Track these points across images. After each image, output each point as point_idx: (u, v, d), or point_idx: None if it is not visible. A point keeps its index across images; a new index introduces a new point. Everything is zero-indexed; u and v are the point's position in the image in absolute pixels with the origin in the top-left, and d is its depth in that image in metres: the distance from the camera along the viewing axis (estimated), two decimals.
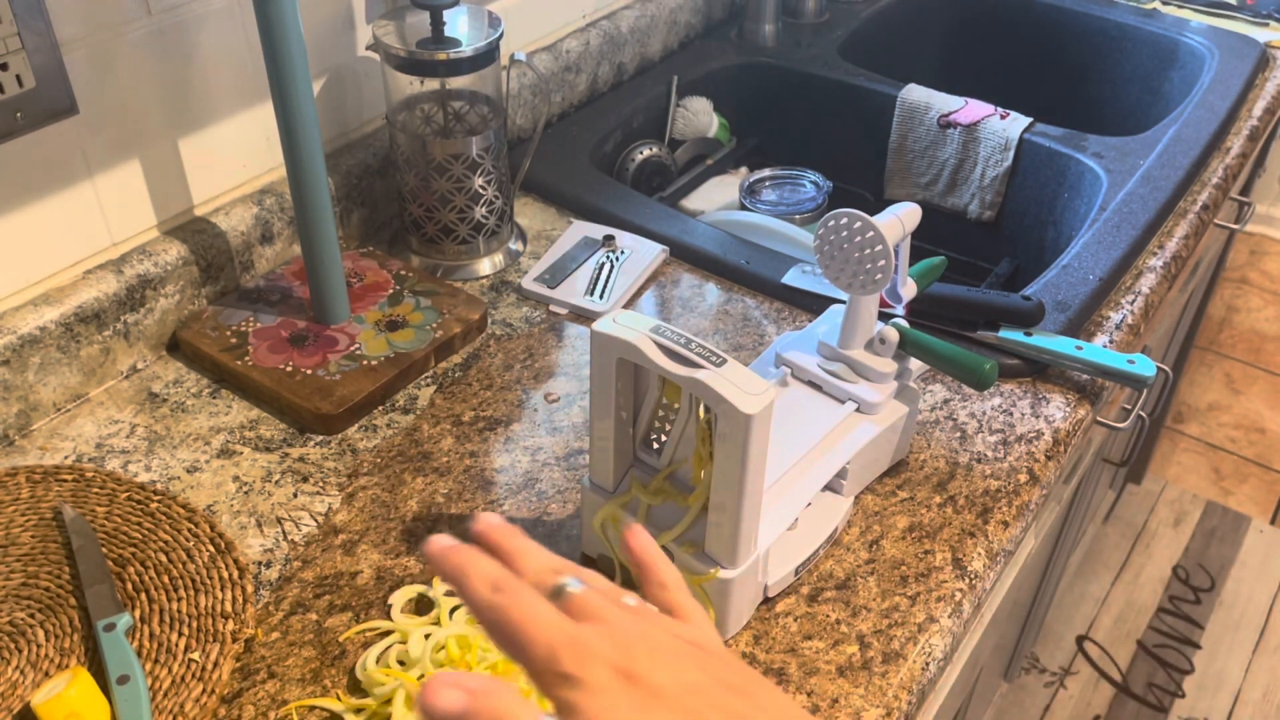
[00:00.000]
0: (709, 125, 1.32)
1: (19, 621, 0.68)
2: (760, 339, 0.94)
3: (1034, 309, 0.89)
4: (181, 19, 0.85)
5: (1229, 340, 2.54)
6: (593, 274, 0.99)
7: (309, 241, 0.87)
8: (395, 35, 0.92)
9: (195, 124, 0.89)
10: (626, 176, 1.23)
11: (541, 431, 0.84)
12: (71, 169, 0.82)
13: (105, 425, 0.84)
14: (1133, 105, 1.44)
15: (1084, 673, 1.86)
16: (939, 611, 0.71)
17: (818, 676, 0.67)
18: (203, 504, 0.78)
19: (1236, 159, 1.20)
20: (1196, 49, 1.36)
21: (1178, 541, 2.09)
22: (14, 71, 0.73)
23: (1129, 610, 1.96)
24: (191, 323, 0.90)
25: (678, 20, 1.37)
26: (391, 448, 0.83)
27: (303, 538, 0.75)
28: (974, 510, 0.78)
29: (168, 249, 0.88)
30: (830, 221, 0.73)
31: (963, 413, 0.86)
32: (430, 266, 1.00)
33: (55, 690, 0.61)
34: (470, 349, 0.92)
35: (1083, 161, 1.16)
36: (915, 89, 1.27)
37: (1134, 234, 1.02)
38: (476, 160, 0.96)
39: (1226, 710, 1.81)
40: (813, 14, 1.46)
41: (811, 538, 0.73)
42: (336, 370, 0.86)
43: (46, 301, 0.82)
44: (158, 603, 0.69)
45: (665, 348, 0.60)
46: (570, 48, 1.21)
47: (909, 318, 0.87)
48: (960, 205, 1.30)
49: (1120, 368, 0.86)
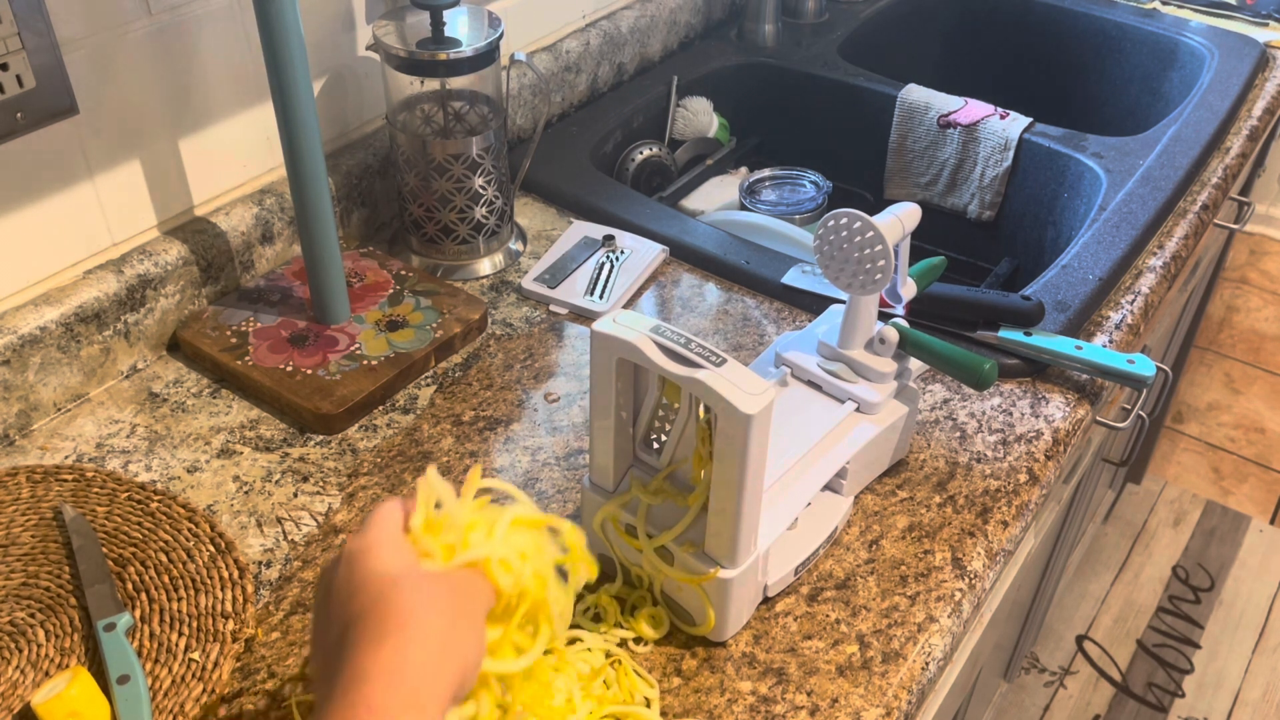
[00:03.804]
0: (709, 125, 1.32)
1: (19, 621, 0.68)
2: (760, 339, 0.94)
3: (1034, 309, 0.89)
4: (181, 19, 0.85)
5: (1229, 340, 2.54)
6: (593, 274, 0.99)
7: (309, 241, 0.87)
8: (395, 35, 0.92)
9: (195, 124, 0.89)
10: (626, 176, 1.23)
11: (541, 431, 0.84)
12: (71, 169, 0.82)
13: (105, 425, 0.84)
14: (1133, 105, 1.44)
15: (1084, 672, 1.86)
16: (939, 611, 0.71)
17: (817, 676, 0.67)
18: (203, 504, 0.78)
19: (1236, 159, 1.20)
20: (1196, 49, 1.36)
21: (1178, 541, 2.09)
22: (14, 71, 0.73)
23: (1129, 610, 1.96)
24: (192, 323, 0.90)
25: (678, 20, 1.37)
26: (392, 447, 0.83)
27: (303, 537, 0.75)
28: (974, 510, 0.78)
29: (168, 249, 0.88)
30: (830, 221, 0.73)
31: (962, 413, 0.86)
32: (430, 266, 1.00)
33: (56, 690, 0.61)
34: (470, 349, 0.92)
35: (1082, 161, 1.16)
36: (915, 89, 1.27)
37: (1134, 234, 1.03)
38: (476, 160, 0.96)
39: (1226, 710, 1.81)
40: (813, 14, 1.46)
41: (811, 537, 0.73)
42: (337, 370, 0.86)
43: (47, 301, 0.82)
44: (158, 602, 0.69)
45: (665, 348, 0.60)
46: (570, 48, 1.21)
47: (909, 318, 0.87)
48: (960, 205, 1.30)
49: (1120, 367, 0.86)
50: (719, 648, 0.69)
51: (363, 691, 0.43)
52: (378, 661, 0.44)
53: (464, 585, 0.50)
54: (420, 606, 0.46)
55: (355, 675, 0.44)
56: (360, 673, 0.44)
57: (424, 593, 0.47)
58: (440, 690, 0.45)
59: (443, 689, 0.45)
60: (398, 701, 0.43)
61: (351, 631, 0.46)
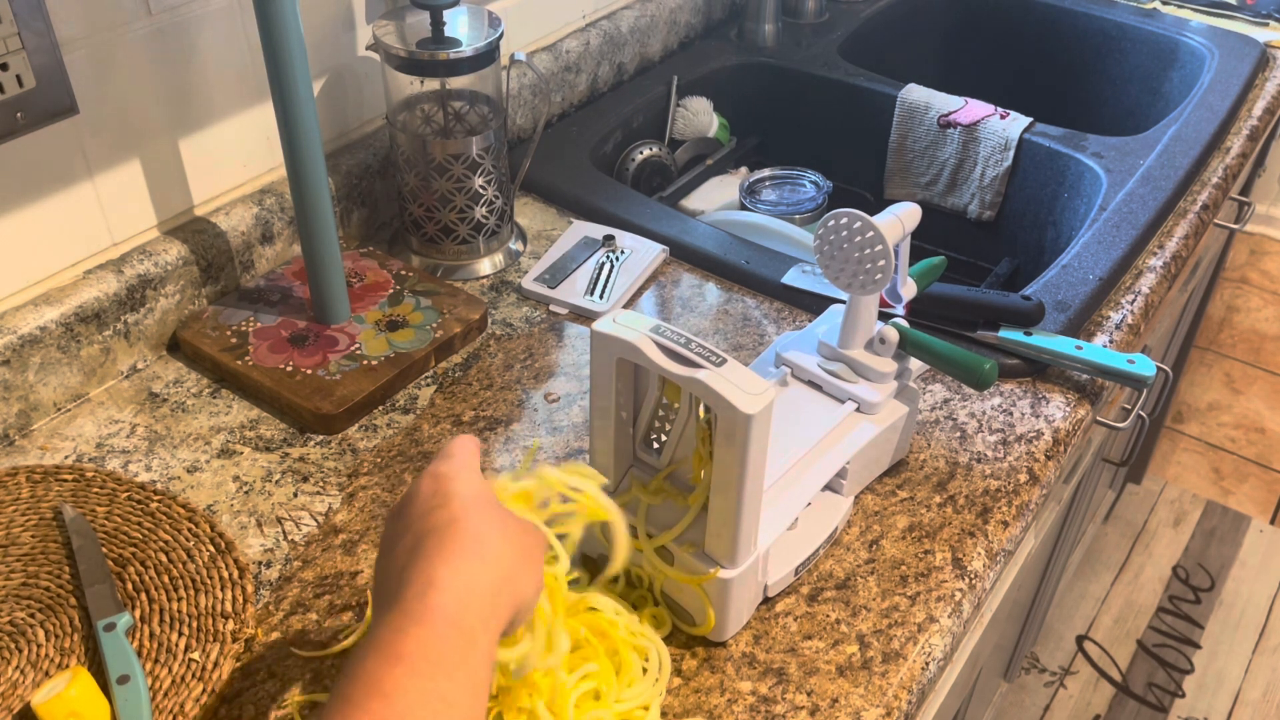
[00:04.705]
0: (709, 125, 1.32)
1: (19, 621, 0.68)
2: (760, 339, 0.94)
3: (1034, 309, 0.89)
4: (181, 19, 0.85)
5: (1229, 340, 2.54)
6: (593, 274, 0.99)
7: (309, 241, 0.87)
8: (395, 35, 0.92)
9: (195, 124, 0.89)
10: (626, 176, 1.23)
11: (541, 431, 0.84)
12: (71, 169, 0.82)
13: (105, 425, 0.84)
14: (1133, 105, 1.44)
15: (1084, 672, 1.86)
16: (939, 611, 0.71)
17: (818, 676, 0.67)
18: (203, 504, 0.78)
19: (1236, 159, 1.20)
20: (1196, 49, 1.36)
21: (1178, 541, 2.09)
22: (14, 71, 0.73)
23: (1129, 610, 1.96)
24: (192, 323, 0.90)
25: (678, 20, 1.37)
26: (392, 447, 0.83)
27: (303, 537, 0.75)
28: (974, 510, 0.78)
29: (168, 249, 0.88)
30: (830, 221, 0.73)
31: (963, 412, 0.86)
32: (430, 266, 1.00)
33: (55, 690, 0.61)
34: (470, 349, 0.92)
35: (1082, 161, 1.16)
36: (915, 89, 1.27)
37: (1134, 234, 1.03)
38: (476, 160, 0.96)
39: (1226, 710, 1.81)
40: (813, 14, 1.46)
41: (811, 537, 0.73)
42: (337, 370, 0.86)
43: (47, 301, 0.82)
44: (158, 602, 0.69)
45: (665, 348, 0.60)
46: (570, 48, 1.21)
47: (909, 318, 0.87)
48: (960, 205, 1.30)
49: (1120, 367, 0.86)
50: (719, 648, 0.69)
51: (433, 598, 0.46)
52: (455, 573, 0.47)
53: (531, 529, 0.54)
54: (495, 534, 0.50)
55: (429, 582, 0.47)
56: (434, 580, 0.47)
57: (499, 524, 0.51)
58: (500, 614, 0.48)
59: (502, 614, 0.49)
60: (468, 614, 0.47)
61: (427, 541, 0.49)
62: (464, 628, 0.46)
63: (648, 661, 0.65)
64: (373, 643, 0.45)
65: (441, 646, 0.45)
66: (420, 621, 0.45)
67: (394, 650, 0.44)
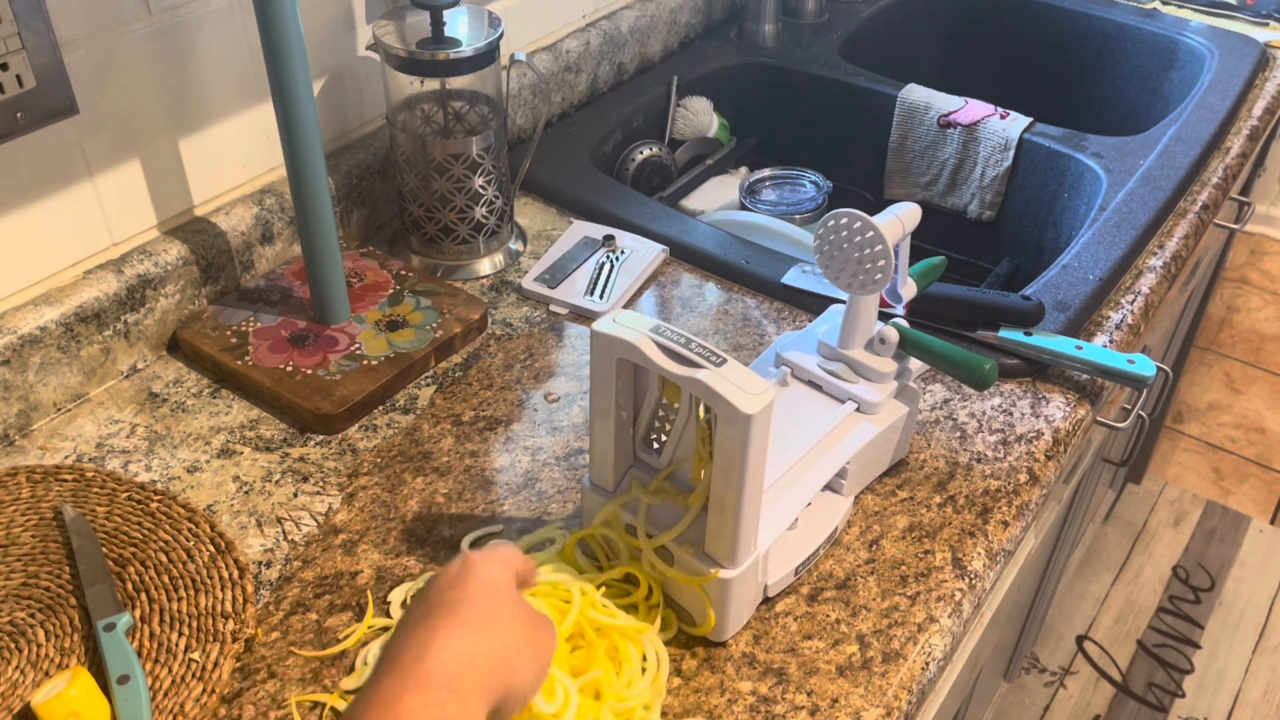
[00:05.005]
0: (709, 125, 1.32)
1: (19, 621, 0.68)
2: (760, 339, 0.94)
3: (1034, 309, 0.89)
4: (181, 19, 0.85)
5: (1229, 340, 2.54)
6: (593, 274, 0.99)
7: (309, 241, 0.87)
8: (395, 35, 0.92)
9: (195, 124, 0.89)
10: (626, 176, 1.23)
11: (541, 431, 0.84)
12: (71, 169, 0.82)
13: (105, 425, 0.84)
14: (1133, 105, 1.44)
15: (1084, 672, 1.86)
16: (939, 611, 0.71)
17: (818, 676, 0.67)
18: (203, 504, 0.78)
19: (1236, 159, 1.20)
20: (1196, 49, 1.36)
21: (1178, 541, 2.09)
22: (14, 71, 0.73)
23: (1129, 610, 1.96)
24: (192, 323, 0.90)
25: (678, 20, 1.37)
26: (391, 447, 0.83)
27: (303, 537, 0.75)
28: (974, 510, 0.78)
29: (168, 249, 0.88)
30: (830, 221, 0.73)
31: (963, 412, 0.86)
32: (430, 266, 1.00)
33: (55, 690, 0.61)
34: (470, 349, 0.92)
35: (1082, 161, 1.16)
36: (915, 89, 1.27)
37: (1134, 234, 1.03)
38: (476, 160, 0.96)
39: (1226, 710, 1.81)
40: (813, 14, 1.46)
41: (811, 538, 0.73)
42: (337, 370, 0.86)
43: (47, 301, 0.82)
44: (158, 602, 0.69)
45: (665, 348, 0.60)
46: (570, 48, 1.21)
47: (909, 318, 0.87)
48: (960, 205, 1.30)
49: (1120, 367, 0.86)
50: (719, 648, 0.69)
51: (429, 660, 0.48)
52: (455, 639, 0.49)
53: (545, 624, 0.56)
54: (503, 617, 0.52)
55: (428, 645, 0.49)
56: (431, 645, 0.49)
57: (510, 609, 0.53)
58: (490, 690, 0.49)
59: (492, 691, 0.50)
60: (463, 678, 0.48)
61: (438, 611, 0.51)
62: (458, 691, 0.48)
63: (646, 660, 0.65)
64: (370, 698, 0.47)
65: (436, 713, 0.47)
66: (415, 685, 0.47)
67: (390, 711, 0.46)
